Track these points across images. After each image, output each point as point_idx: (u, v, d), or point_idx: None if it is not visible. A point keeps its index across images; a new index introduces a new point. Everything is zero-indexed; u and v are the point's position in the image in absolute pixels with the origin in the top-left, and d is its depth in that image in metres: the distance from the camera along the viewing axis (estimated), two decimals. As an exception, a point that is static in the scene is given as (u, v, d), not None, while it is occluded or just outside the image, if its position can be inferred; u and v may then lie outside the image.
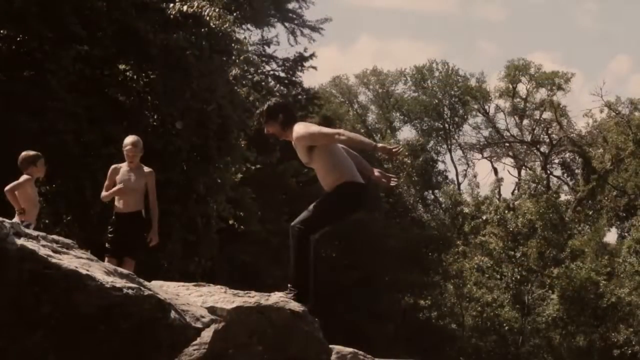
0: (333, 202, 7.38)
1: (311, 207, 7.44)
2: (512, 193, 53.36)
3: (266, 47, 37.70)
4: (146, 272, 10.20)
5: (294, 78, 37.65)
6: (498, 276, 43.48)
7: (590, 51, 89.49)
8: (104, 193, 10.55)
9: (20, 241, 6.37)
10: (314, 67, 37.43)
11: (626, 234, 48.77)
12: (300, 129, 7.44)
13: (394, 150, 7.25)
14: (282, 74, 37.82)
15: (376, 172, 7.81)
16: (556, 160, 57.19)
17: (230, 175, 23.73)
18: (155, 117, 21.05)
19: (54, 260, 6.28)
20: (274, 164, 31.97)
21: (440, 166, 56.20)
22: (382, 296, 38.66)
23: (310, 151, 7.42)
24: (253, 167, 28.49)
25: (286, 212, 32.40)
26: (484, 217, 45.98)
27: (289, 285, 7.33)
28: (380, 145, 7.31)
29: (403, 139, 51.63)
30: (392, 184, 7.82)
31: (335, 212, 7.44)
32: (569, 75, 55.37)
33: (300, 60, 37.26)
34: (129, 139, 10.54)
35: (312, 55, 37.30)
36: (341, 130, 7.48)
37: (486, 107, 58.26)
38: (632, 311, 40.44)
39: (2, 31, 19.25)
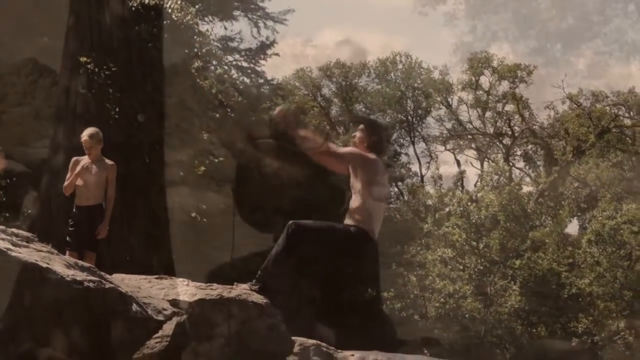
0: (338, 234, 7.31)
1: (320, 221, 7.48)
2: (475, 185, 53.60)
3: (229, 43, 37.56)
4: (108, 265, 10.15)
5: (257, 67, 37.51)
6: (461, 267, 43.66)
7: (553, 43, 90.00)
8: (65, 184, 10.51)
9: (-21, 235, 6.31)
10: (277, 54, 37.38)
11: (587, 225, 49.13)
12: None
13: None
14: (245, 64, 37.65)
15: None
16: (518, 152, 57.53)
17: (193, 168, 23.61)
18: (117, 109, 20.90)
19: (13, 254, 6.23)
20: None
21: (404, 158, 56.34)
22: (345, 287, 38.69)
23: (356, 179, 7.41)
24: (216, 160, 28.35)
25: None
26: (447, 209, 46.11)
27: (259, 272, 7.27)
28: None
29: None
30: None
31: (330, 242, 7.33)
32: (532, 68, 55.67)
33: (262, 48, 37.15)
34: (86, 131, 10.54)
35: (273, 42, 37.22)
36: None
37: (449, 99, 58.47)
38: (593, 301, 40.76)
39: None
